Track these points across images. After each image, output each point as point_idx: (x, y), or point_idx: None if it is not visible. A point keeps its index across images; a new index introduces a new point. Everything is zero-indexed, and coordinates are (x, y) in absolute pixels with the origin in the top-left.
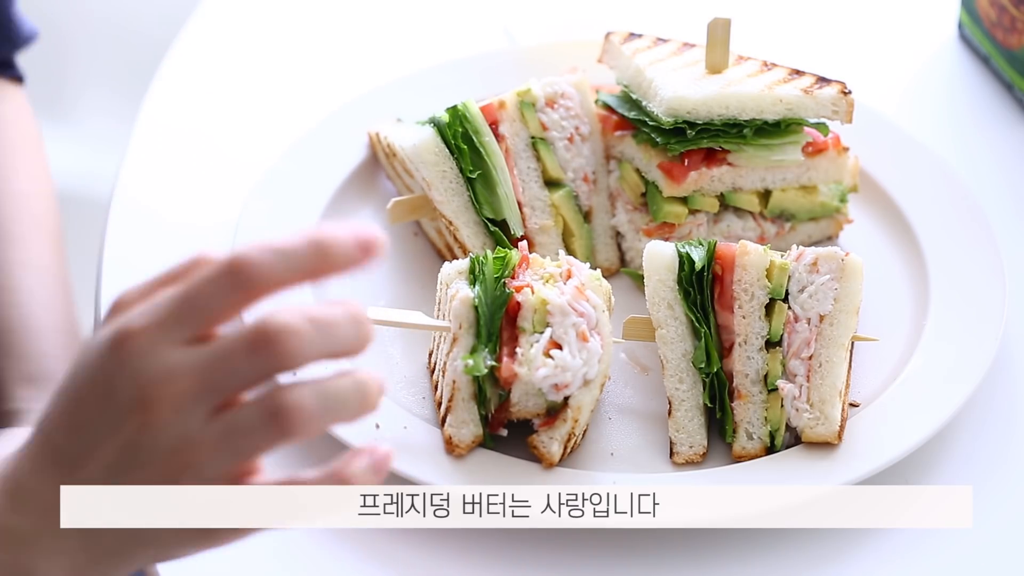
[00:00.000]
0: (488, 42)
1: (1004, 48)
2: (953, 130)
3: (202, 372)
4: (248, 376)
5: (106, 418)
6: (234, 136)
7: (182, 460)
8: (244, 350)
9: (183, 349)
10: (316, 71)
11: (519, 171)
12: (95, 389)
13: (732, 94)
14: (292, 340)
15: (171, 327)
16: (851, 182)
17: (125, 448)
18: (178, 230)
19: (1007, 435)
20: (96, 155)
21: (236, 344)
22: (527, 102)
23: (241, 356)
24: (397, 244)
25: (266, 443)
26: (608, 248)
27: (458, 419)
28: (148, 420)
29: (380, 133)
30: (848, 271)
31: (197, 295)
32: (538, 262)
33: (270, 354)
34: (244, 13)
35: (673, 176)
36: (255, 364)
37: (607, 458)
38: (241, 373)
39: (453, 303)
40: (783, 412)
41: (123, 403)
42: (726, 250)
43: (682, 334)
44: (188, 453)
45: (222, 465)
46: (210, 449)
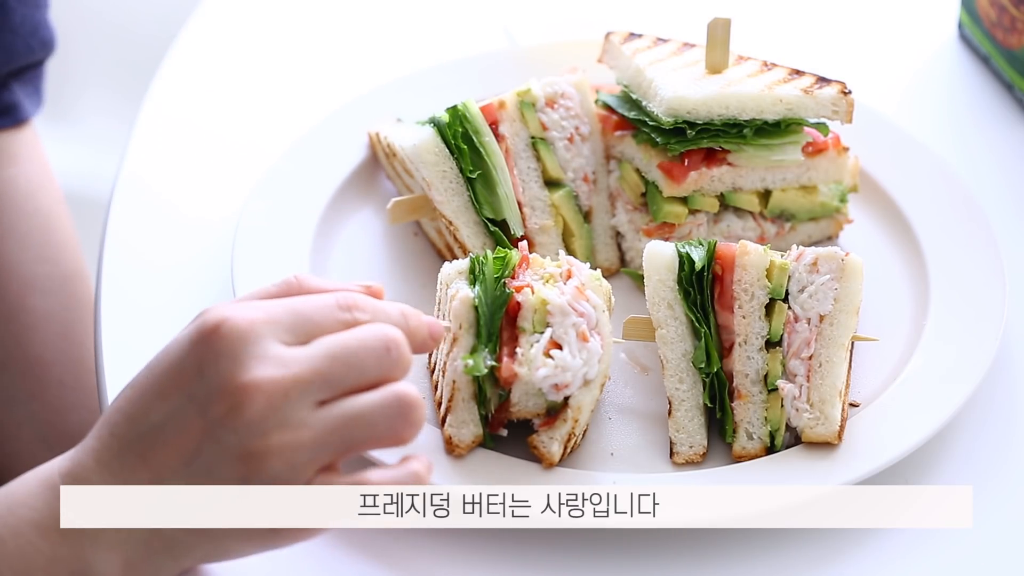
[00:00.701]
0: (488, 42)
1: (1004, 48)
2: (953, 130)
3: (320, 362)
4: (372, 375)
5: (191, 400)
6: (234, 136)
7: (274, 446)
8: (378, 347)
9: (288, 347)
10: (316, 71)
11: (519, 171)
12: (181, 372)
13: (732, 94)
14: (408, 350)
15: (278, 326)
16: (851, 182)
17: (208, 433)
18: (178, 230)
19: (1007, 435)
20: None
21: (368, 342)
22: (527, 102)
23: (370, 354)
24: (397, 244)
25: (386, 436)
26: (608, 248)
27: (458, 419)
28: (242, 401)
29: (380, 133)
30: (848, 271)
31: (307, 309)
32: (538, 262)
33: (400, 356)
34: (244, 13)
35: (673, 176)
36: (381, 364)
37: (607, 458)
38: (368, 371)
39: (453, 303)
40: (783, 412)
41: (214, 385)
42: (726, 250)
43: (682, 334)
44: (284, 439)
45: (319, 456)
46: (314, 438)
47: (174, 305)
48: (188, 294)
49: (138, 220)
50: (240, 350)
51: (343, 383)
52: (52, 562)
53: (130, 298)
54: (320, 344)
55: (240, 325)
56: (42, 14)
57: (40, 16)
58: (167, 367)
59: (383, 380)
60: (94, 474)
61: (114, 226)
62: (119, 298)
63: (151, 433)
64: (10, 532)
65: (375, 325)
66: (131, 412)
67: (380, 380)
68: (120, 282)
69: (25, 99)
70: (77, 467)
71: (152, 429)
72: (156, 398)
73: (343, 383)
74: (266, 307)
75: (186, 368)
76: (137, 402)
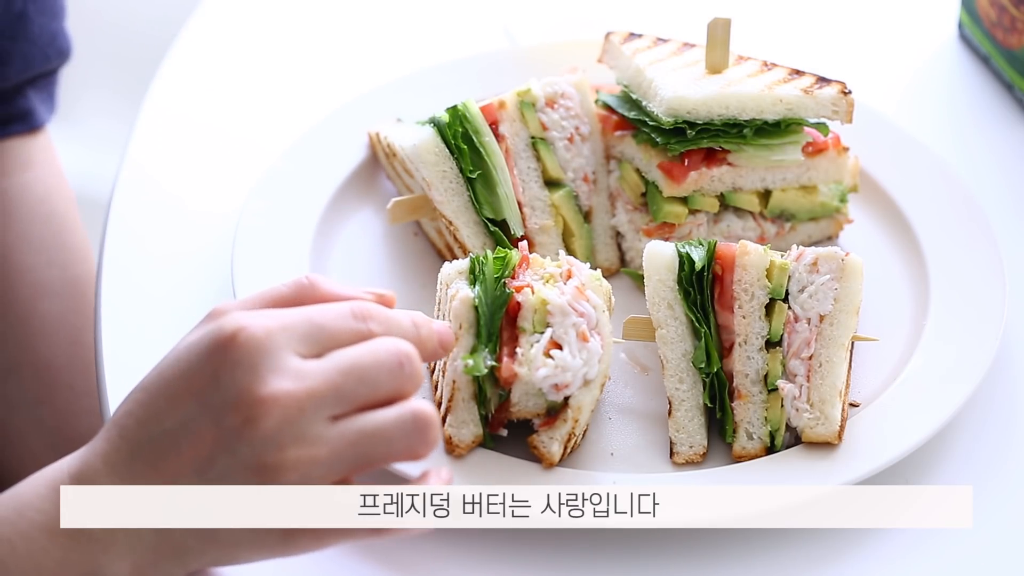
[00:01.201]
0: (488, 42)
1: (1004, 48)
2: (953, 130)
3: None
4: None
5: (205, 408)
6: (234, 136)
7: (290, 460)
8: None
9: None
10: (316, 71)
11: (519, 171)
12: (195, 379)
13: (732, 94)
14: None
15: (294, 337)
16: (851, 182)
17: (221, 443)
18: (178, 230)
19: (1007, 435)
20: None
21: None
22: (527, 102)
23: (383, 370)
24: (397, 244)
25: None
26: (608, 248)
27: (458, 419)
28: (258, 414)
29: (380, 133)
30: (848, 271)
31: (323, 319)
32: (538, 262)
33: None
34: (244, 13)
35: (673, 176)
36: (395, 379)
37: (607, 458)
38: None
39: (453, 303)
40: (783, 412)
41: (230, 396)
42: (726, 250)
43: (682, 334)
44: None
45: (334, 471)
46: (329, 453)
47: (174, 305)
48: (188, 294)
49: (138, 220)
50: (257, 361)
51: (357, 398)
52: (62, 565)
53: (130, 298)
54: (335, 358)
55: (257, 335)
56: (59, 24)
57: (57, 26)
58: (180, 372)
59: (396, 395)
60: (103, 476)
61: (114, 226)
62: (119, 298)
63: (163, 439)
64: (19, 535)
65: (388, 340)
66: (142, 416)
67: (393, 395)
68: (120, 282)
69: (40, 105)
70: (86, 468)
71: (164, 435)
72: (168, 403)
73: (357, 398)
74: (281, 316)
75: (201, 375)
76: (148, 405)
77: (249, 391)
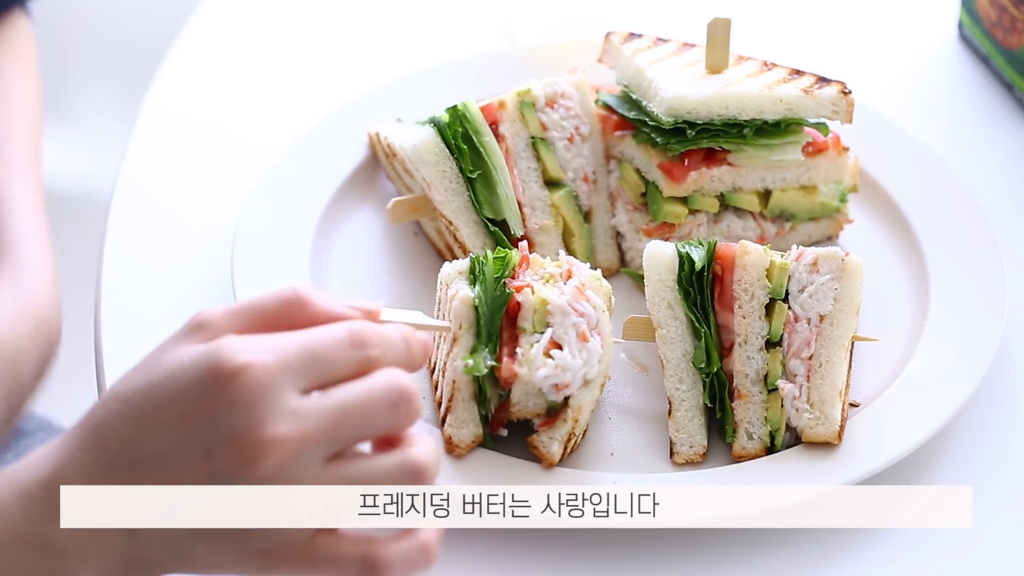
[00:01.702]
0: (488, 42)
1: (1004, 48)
2: (953, 130)
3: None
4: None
5: (197, 441)
6: (234, 136)
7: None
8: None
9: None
10: (316, 71)
11: (519, 171)
12: (189, 408)
13: (732, 94)
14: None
15: (294, 372)
16: (851, 182)
17: (211, 478)
18: (178, 230)
19: (1007, 435)
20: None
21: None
22: (527, 102)
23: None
24: (397, 244)
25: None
26: (608, 248)
27: (458, 419)
28: (255, 457)
29: (380, 133)
30: (848, 271)
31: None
32: (538, 262)
33: (409, 411)
34: (244, 13)
35: (673, 176)
36: (392, 418)
37: (607, 458)
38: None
39: (453, 303)
40: (783, 412)
41: (225, 433)
42: (726, 250)
43: (682, 334)
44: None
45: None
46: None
47: (174, 305)
48: (188, 294)
49: (138, 220)
50: (257, 402)
51: (352, 439)
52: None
53: (130, 298)
54: (333, 398)
55: (258, 376)
56: None
57: None
58: (173, 396)
59: (392, 433)
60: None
61: (114, 226)
62: (119, 298)
63: (147, 461)
64: None
65: (387, 376)
66: (124, 432)
67: (389, 433)
68: (120, 282)
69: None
70: (59, 478)
71: (150, 458)
72: (156, 426)
73: (352, 439)
74: (279, 349)
75: (197, 406)
76: (133, 423)
77: (248, 433)
